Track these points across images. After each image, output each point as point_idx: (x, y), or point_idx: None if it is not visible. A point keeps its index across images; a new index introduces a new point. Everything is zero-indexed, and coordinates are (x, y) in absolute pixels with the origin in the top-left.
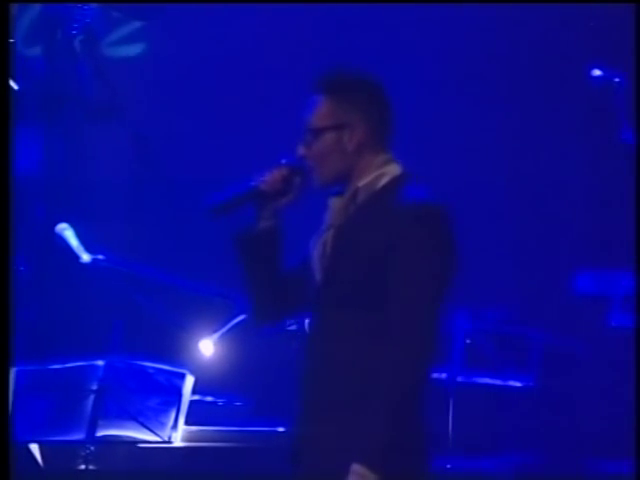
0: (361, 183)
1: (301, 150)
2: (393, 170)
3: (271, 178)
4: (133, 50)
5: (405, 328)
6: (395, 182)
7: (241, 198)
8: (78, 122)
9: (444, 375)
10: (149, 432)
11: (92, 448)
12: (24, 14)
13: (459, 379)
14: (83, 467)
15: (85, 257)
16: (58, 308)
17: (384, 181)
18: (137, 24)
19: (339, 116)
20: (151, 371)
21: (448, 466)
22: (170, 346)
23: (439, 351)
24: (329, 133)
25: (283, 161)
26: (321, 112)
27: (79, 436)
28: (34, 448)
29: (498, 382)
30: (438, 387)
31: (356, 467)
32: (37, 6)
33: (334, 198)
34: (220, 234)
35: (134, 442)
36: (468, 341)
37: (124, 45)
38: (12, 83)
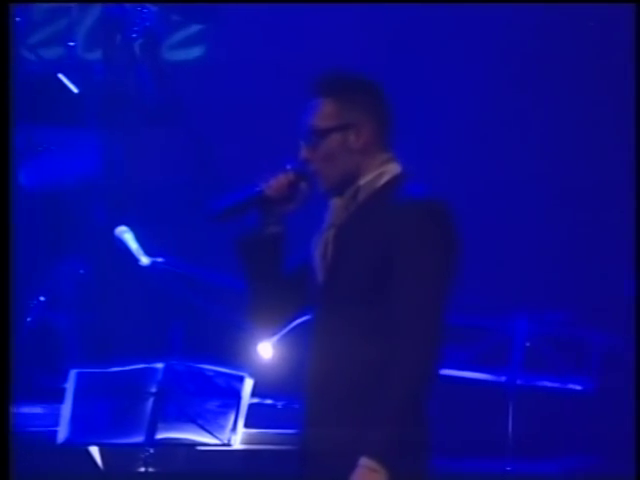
0: (362, 182)
1: (305, 153)
2: (393, 169)
3: (277, 183)
4: (192, 53)
5: (410, 323)
6: (396, 180)
7: (246, 204)
8: (137, 125)
9: (503, 378)
10: (208, 435)
11: (151, 450)
12: (84, 18)
13: (519, 382)
14: (143, 469)
15: (144, 260)
16: (118, 311)
17: (385, 179)
18: (196, 27)
19: (344, 116)
20: (210, 374)
21: (508, 468)
22: (229, 349)
23: (444, 346)
24: (335, 133)
25: (288, 166)
26: (325, 113)
27: (138, 438)
28: (94, 450)
29: (558, 385)
30: (497, 390)
31: (365, 461)
32: (97, 10)
33: (335, 197)
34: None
35: (193, 445)
36: (528, 344)
37: (183, 48)
38: (71, 86)
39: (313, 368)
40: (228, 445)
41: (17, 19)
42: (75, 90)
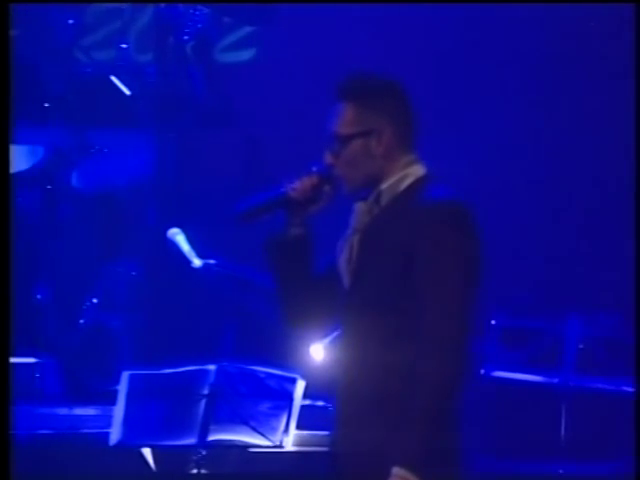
0: (384, 185)
1: (329, 158)
2: (417, 171)
3: (301, 186)
4: (243, 55)
5: (433, 328)
6: (419, 183)
7: (270, 205)
8: (189, 127)
9: (556, 380)
10: (260, 436)
11: (204, 452)
12: (137, 20)
13: (571, 384)
14: (195, 471)
15: (196, 262)
16: (170, 313)
17: (407, 182)
18: (248, 29)
19: (365, 122)
20: (262, 375)
21: (560, 471)
22: (281, 350)
23: (472, 350)
24: (356, 140)
25: (314, 169)
26: (346, 119)
27: (191, 440)
28: (146, 452)
29: (611, 387)
30: (550, 392)
31: (397, 470)
32: (149, 12)
33: (359, 202)
34: (330, 240)
35: (245, 446)
36: (581, 346)
37: (235, 51)
38: (124, 88)
39: (341, 372)
40: (280, 447)
41: (70, 21)
42: (127, 92)
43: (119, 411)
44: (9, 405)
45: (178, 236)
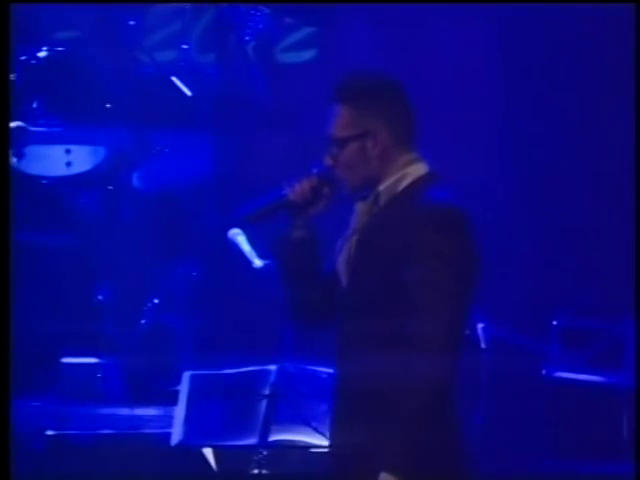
0: (382, 186)
1: (328, 160)
2: (417, 170)
3: (300, 188)
4: (305, 56)
5: (425, 332)
6: (418, 183)
7: (271, 208)
8: (250, 127)
9: (618, 380)
10: (322, 437)
11: (265, 452)
12: (198, 21)
13: (633, 385)
14: (256, 471)
15: (257, 262)
16: (231, 313)
17: (406, 182)
18: (309, 30)
19: (360, 124)
20: (323, 376)
21: (622, 472)
22: None
23: (461, 354)
24: (352, 143)
25: (314, 170)
26: (342, 122)
27: (252, 440)
28: (207, 452)
29: None
30: (612, 392)
31: (385, 476)
32: (211, 12)
33: (359, 202)
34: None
35: (307, 447)
36: None
37: (296, 51)
38: (185, 89)
39: (337, 372)
40: None
41: (131, 22)
42: (188, 93)
43: (180, 411)
44: (9, 403)
45: (239, 237)
